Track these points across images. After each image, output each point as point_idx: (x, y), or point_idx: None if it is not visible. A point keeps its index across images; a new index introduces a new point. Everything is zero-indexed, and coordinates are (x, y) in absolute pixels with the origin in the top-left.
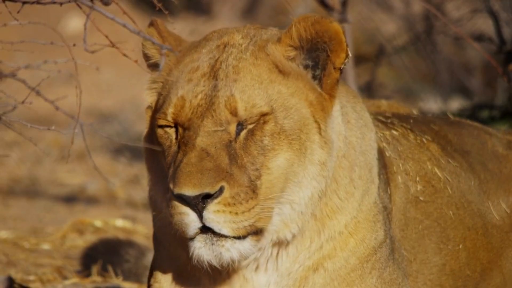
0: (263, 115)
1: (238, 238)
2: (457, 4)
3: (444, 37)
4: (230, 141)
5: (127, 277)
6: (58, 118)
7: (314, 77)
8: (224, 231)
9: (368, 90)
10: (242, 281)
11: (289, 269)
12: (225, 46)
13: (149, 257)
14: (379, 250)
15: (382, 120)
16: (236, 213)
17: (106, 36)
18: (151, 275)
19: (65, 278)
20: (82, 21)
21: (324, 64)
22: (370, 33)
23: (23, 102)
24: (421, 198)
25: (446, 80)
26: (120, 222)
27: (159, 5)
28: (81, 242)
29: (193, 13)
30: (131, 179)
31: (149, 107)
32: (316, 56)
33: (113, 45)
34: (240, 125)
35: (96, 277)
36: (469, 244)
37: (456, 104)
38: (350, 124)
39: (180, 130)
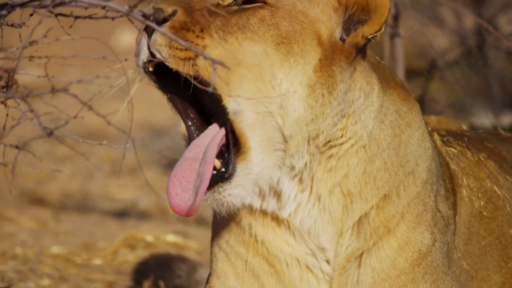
0: (264, 2)
1: None
2: (509, 18)
3: (496, 51)
4: (218, 4)
5: None
6: (110, 133)
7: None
8: (162, 54)
9: (420, 105)
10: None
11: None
12: None
13: (201, 272)
14: (429, 254)
15: (440, 138)
16: (176, 34)
17: (158, 51)
18: (207, 282)
19: None
20: (134, 35)
21: (355, 29)
22: (422, 48)
23: (75, 117)
24: (484, 213)
25: (498, 95)
26: (171, 237)
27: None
28: (132, 257)
29: None
30: None
31: None
32: (351, 24)
33: (164, 60)
34: (236, 1)
35: None
36: None
37: (507, 119)
38: (383, 125)
39: None
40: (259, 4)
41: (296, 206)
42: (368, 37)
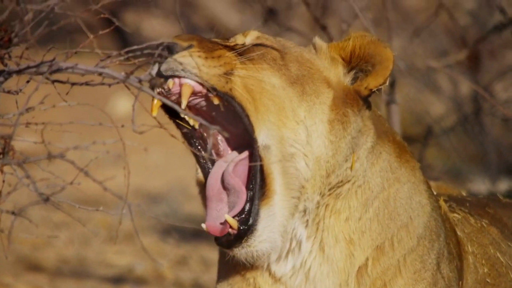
0: (272, 48)
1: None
2: (505, 85)
3: (492, 118)
4: (232, 47)
5: None
6: (106, 199)
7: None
8: (190, 74)
9: None
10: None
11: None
12: None
13: None
14: None
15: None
16: (206, 57)
17: (154, 117)
18: None
19: None
20: (130, 102)
21: (361, 79)
22: (418, 114)
23: (71, 183)
24: (488, 280)
25: (494, 162)
26: None
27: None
28: None
29: None
30: (179, 260)
31: None
32: (357, 74)
33: (161, 126)
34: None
35: None
36: None
37: (504, 185)
38: (374, 168)
39: None
40: (268, 48)
41: (300, 259)
42: (372, 89)
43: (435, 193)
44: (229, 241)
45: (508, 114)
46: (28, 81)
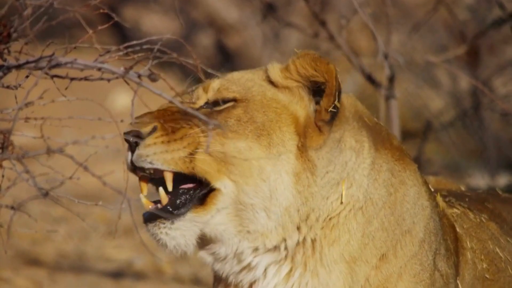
0: (234, 100)
1: (177, 207)
2: (504, 80)
3: (491, 113)
4: (196, 110)
5: None
6: (106, 193)
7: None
8: (156, 163)
9: None
10: None
11: None
12: None
13: None
14: None
15: (442, 199)
16: (168, 141)
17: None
18: None
19: None
20: (130, 97)
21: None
22: (417, 109)
23: (70, 178)
24: (487, 275)
25: (493, 156)
26: None
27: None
28: None
29: None
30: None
31: None
32: (318, 91)
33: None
34: (208, 104)
35: None
36: None
37: (503, 180)
38: (377, 182)
39: None
40: (231, 104)
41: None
42: (329, 110)
43: (432, 189)
44: (151, 214)
45: (507, 109)
46: (27, 76)
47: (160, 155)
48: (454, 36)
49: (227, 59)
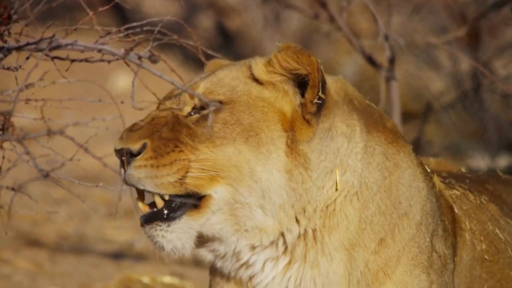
0: (220, 103)
1: (172, 211)
2: (504, 62)
3: (492, 94)
4: (177, 116)
5: None
6: (106, 175)
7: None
8: (148, 187)
9: (416, 148)
10: None
11: None
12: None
13: None
14: None
15: (441, 180)
16: (157, 166)
17: (154, 94)
18: None
19: None
20: (130, 78)
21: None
22: (417, 91)
23: (71, 159)
24: (486, 257)
25: (493, 138)
26: (168, 279)
27: (206, 62)
28: None
29: None
30: None
31: None
32: (303, 83)
33: (160, 102)
34: (195, 109)
35: None
36: None
37: (503, 161)
38: (371, 166)
39: None
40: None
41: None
42: (313, 101)
43: (428, 170)
44: (148, 217)
45: (508, 90)
46: (27, 58)
47: (150, 179)
48: (455, 17)
49: (228, 41)
